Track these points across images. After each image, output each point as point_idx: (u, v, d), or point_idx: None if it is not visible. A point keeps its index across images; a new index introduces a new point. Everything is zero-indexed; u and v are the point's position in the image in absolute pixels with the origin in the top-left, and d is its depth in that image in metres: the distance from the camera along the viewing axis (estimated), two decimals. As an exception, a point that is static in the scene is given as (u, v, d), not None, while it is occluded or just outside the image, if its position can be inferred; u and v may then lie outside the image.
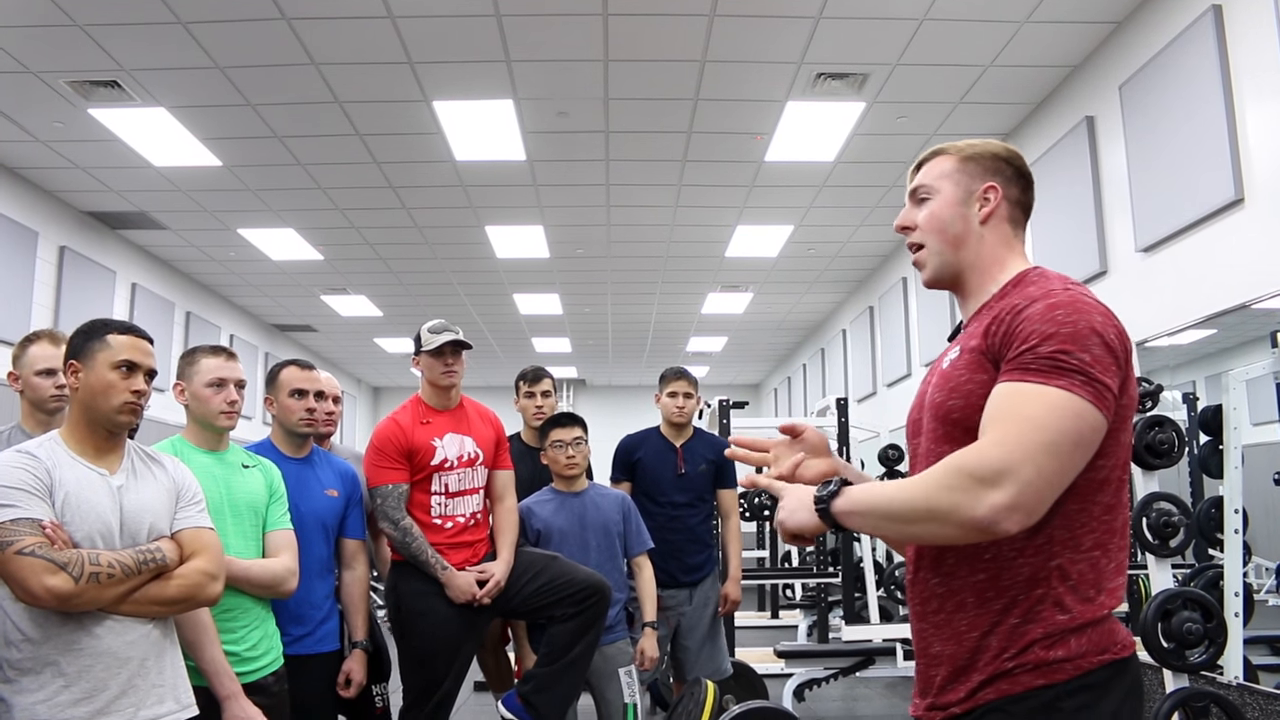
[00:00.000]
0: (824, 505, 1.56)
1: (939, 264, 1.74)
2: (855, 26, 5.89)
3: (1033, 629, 1.49)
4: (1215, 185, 4.94)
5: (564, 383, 19.68)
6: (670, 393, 4.55)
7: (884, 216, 9.53)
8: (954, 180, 1.74)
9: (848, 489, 1.57)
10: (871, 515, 1.53)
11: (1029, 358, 1.47)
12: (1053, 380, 1.44)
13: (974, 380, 1.57)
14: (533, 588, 3.61)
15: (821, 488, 1.59)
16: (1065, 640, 1.48)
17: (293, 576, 2.92)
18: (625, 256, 10.96)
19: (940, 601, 1.60)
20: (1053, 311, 1.50)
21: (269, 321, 14.15)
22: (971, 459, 1.42)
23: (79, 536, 2.15)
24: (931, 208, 1.74)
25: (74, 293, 8.86)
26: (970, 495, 1.39)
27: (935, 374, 1.70)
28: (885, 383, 11.15)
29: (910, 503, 1.47)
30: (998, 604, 1.52)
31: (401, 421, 3.61)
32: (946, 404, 1.60)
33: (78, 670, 2.11)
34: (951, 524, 1.43)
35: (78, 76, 6.36)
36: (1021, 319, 1.52)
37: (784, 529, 1.63)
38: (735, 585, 4.58)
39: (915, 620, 1.66)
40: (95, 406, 2.26)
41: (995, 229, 1.72)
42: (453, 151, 7.74)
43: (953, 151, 1.76)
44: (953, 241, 1.72)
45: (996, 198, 1.72)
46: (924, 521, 1.46)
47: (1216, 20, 4.92)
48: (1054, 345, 1.46)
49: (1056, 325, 1.48)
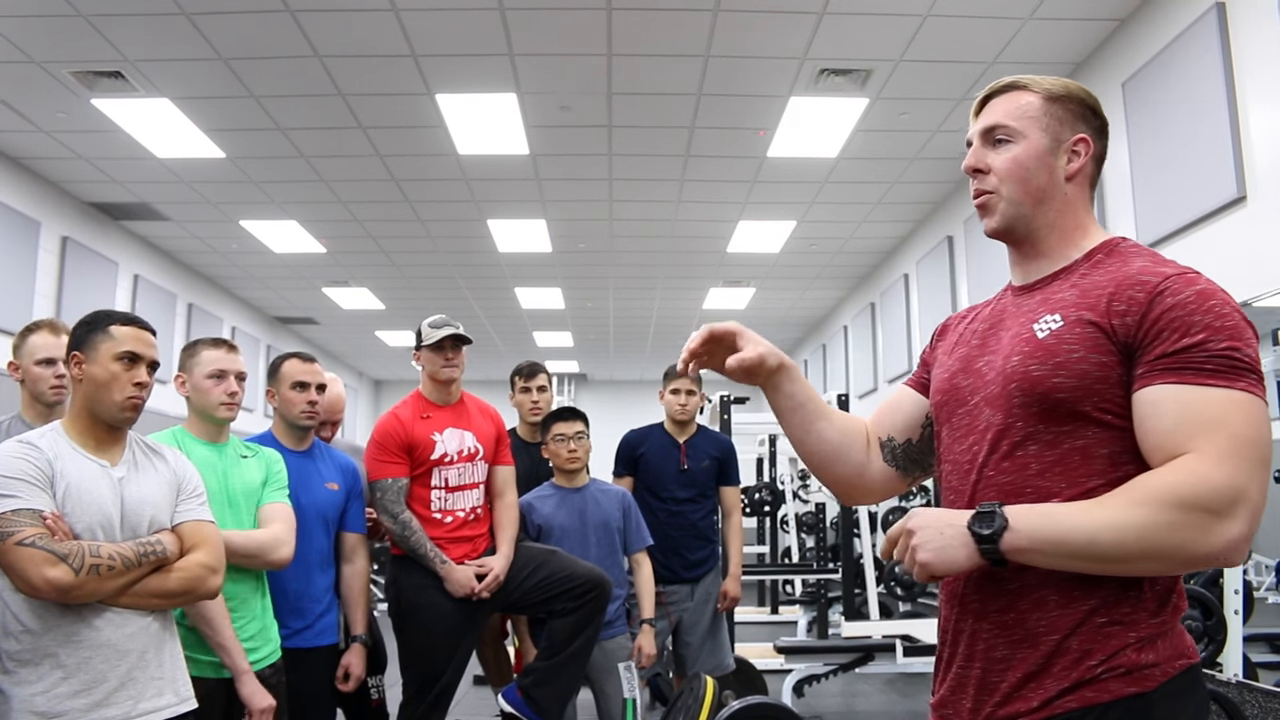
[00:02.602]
0: (992, 544, 1.35)
1: (1014, 216, 1.54)
2: (859, 22, 5.88)
3: (1124, 632, 1.35)
4: (1218, 183, 4.94)
5: (565, 377, 19.69)
6: (674, 390, 4.56)
7: (886, 213, 9.54)
8: (1041, 124, 1.53)
9: (1016, 518, 1.35)
10: (1060, 554, 1.33)
11: (1199, 356, 1.32)
12: (1235, 383, 1.31)
13: (1089, 360, 1.39)
14: (532, 582, 3.62)
15: (980, 521, 1.36)
16: (1154, 644, 1.36)
17: (281, 545, 2.89)
18: (627, 251, 10.96)
19: (1011, 599, 1.42)
20: (1207, 300, 1.35)
21: (271, 314, 14.15)
22: (1198, 487, 1.27)
23: (79, 528, 2.15)
24: (1015, 153, 1.53)
25: (76, 283, 8.86)
26: (1202, 531, 1.26)
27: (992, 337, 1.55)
28: (886, 379, 11.15)
29: (1121, 543, 1.29)
30: (1086, 603, 1.37)
31: (402, 416, 3.61)
32: (1050, 380, 1.40)
33: (77, 662, 2.11)
34: (1176, 562, 1.30)
35: (81, 67, 6.36)
36: (1170, 305, 1.35)
37: (929, 573, 1.39)
38: (735, 582, 4.59)
39: (969, 619, 1.48)
40: (98, 398, 2.26)
41: (1078, 187, 1.54)
42: (455, 145, 7.73)
43: (1035, 88, 1.55)
44: (1035, 195, 1.52)
45: (1087, 153, 1.54)
46: (1138, 561, 1.31)
47: (1220, 18, 4.92)
48: (1224, 341, 1.32)
49: (1217, 316, 1.33)
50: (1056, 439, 1.41)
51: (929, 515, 1.41)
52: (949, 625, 1.52)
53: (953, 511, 1.41)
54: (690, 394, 4.56)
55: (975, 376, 1.54)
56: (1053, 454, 1.41)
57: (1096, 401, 1.38)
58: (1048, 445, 1.42)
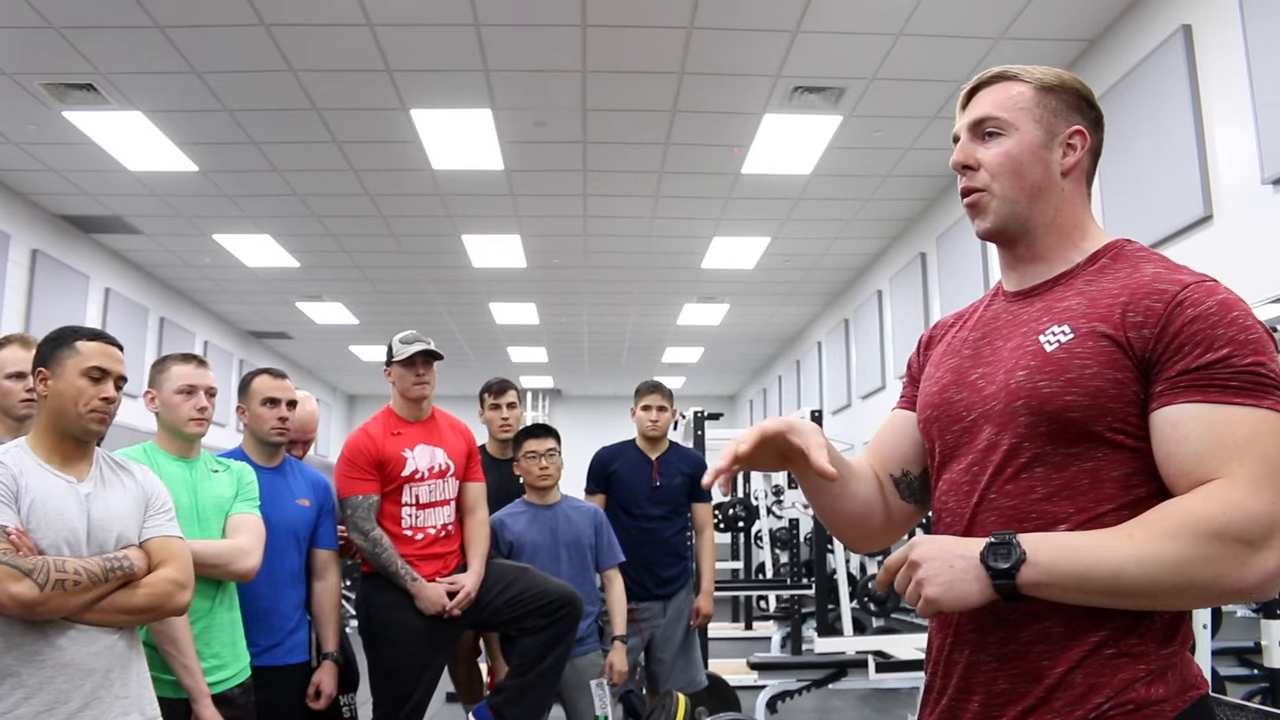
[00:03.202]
0: (1009, 579, 1.23)
1: (1008, 214, 1.43)
2: (832, 41, 5.92)
3: (1133, 665, 1.25)
4: (1185, 202, 5.00)
5: (540, 393, 19.65)
6: (645, 406, 4.56)
7: (860, 230, 9.59)
8: (1034, 115, 1.43)
9: (1035, 550, 1.23)
10: (1080, 589, 1.22)
11: (1223, 372, 1.22)
12: (1263, 401, 1.21)
13: (1104, 376, 1.28)
14: (504, 599, 3.60)
15: (994, 553, 1.24)
16: (1164, 677, 1.25)
17: (246, 555, 2.84)
18: (602, 267, 10.97)
19: (1010, 630, 1.31)
20: (1229, 312, 1.25)
21: (244, 328, 14.07)
22: (1233, 516, 1.17)
23: (45, 544, 2.12)
24: (1006, 146, 1.43)
25: (46, 297, 8.77)
26: (1238, 563, 1.16)
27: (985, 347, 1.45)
28: (860, 395, 11.19)
29: (1149, 578, 1.19)
30: (1095, 635, 1.26)
31: (372, 432, 3.59)
32: (1062, 398, 1.29)
33: (39, 681, 2.07)
34: (1208, 597, 1.21)
35: (53, 79, 6.32)
36: (1191, 317, 1.25)
37: (935, 609, 1.26)
38: (707, 599, 4.59)
39: (965, 650, 1.37)
40: (64, 413, 2.24)
41: (1075, 183, 1.45)
42: (430, 160, 7.73)
43: (1026, 78, 1.45)
44: (1030, 191, 1.42)
45: (1083, 145, 1.44)
46: (1168, 595, 1.21)
47: (1186, 39, 4.99)
48: (1250, 356, 1.23)
49: (1241, 329, 1.24)
50: (1065, 461, 1.31)
51: (935, 545, 1.28)
52: (941, 655, 1.41)
53: (962, 540, 1.29)
54: (662, 410, 4.57)
55: (970, 390, 1.43)
56: (1060, 477, 1.31)
57: (1110, 421, 1.28)
58: (1055, 467, 1.31)
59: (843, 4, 5.54)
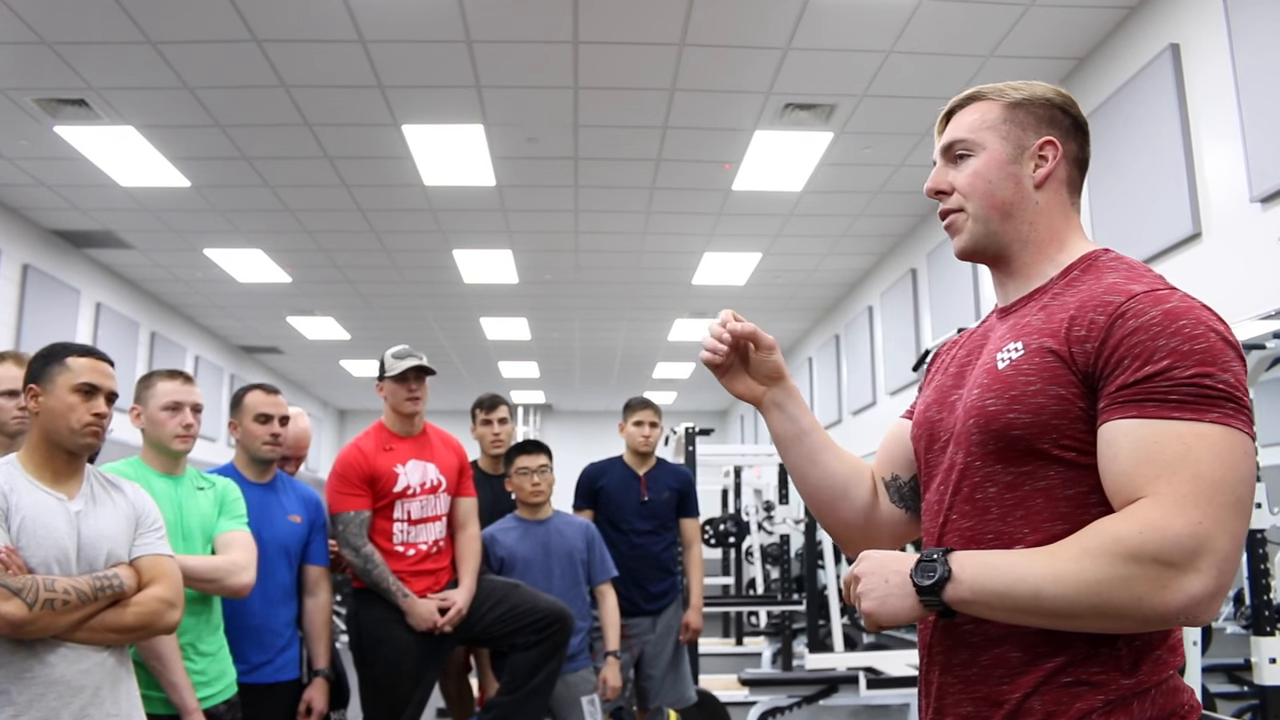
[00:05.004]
0: (933, 595, 1.23)
1: (981, 234, 1.42)
2: (823, 58, 5.95)
3: (1092, 694, 1.21)
4: (1174, 220, 5.02)
5: (531, 408, 19.63)
6: (636, 421, 4.57)
7: (850, 246, 9.62)
8: (1000, 132, 1.41)
9: (960, 566, 1.23)
10: (1005, 608, 1.21)
11: (1162, 385, 1.17)
12: (1205, 415, 1.16)
13: (1048, 393, 1.25)
14: (495, 615, 3.60)
15: (921, 569, 1.24)
16: (1127, 707, 1.20)
17: (241, 570, 2.83)
18: (593, 283, 10.98)
19: (973, 652, 1.29)
20: (1174, 321, 1.19)
21: (235, 343, 14.03)
22: (1146, 537, 1.13)
23: (34, 562, 2.11)
24: (975, 166, 1.42)
25: (37, 312, 8.75)
26: (1158, 586, 1.11)
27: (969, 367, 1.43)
28: (851, 411, 11.20)
29: (1068, 598, 1.15)
30: (1052, 662, 1.23)
31: (364, 448, 3.59)
32: (1005, 416, 1.28)
33: (28, 699, 2.07)
34: (1132, 620, 1.16)
35: (45, 94, 6.31)
36: (1132, 329, 1.21)
37: (874, 620, 1.27)
38: (696, 614, 4.59)
39: (936, 671, 1.35)
40: (56, 429, 2.23)
41: (1053, 194, 1.42)
42: (422, 176, 7.73)
43: (994, 96, 1.44)
44: (1001, 208, 1.40)
45: (1055, 155, 1.41)
46: (1090, 618, 1.17)
47: (1175, 58, 5.02)
48: (1193, 367, 1.17)
49: (1185, 340, 1.18)
50: (1016, 480, 1.29)
51: (876, 560, 1.29)
52: (921, 674, 1.41)
53: (900, 556, 1.29)
54: (654, 426, 4.58)
55: (948, 411, 1.42)
56: (1013, 496, 1.29)
57: (1056, 438, 1.25)
58: (1007, 487, 1.29)
59: (834, 21, 5.56)
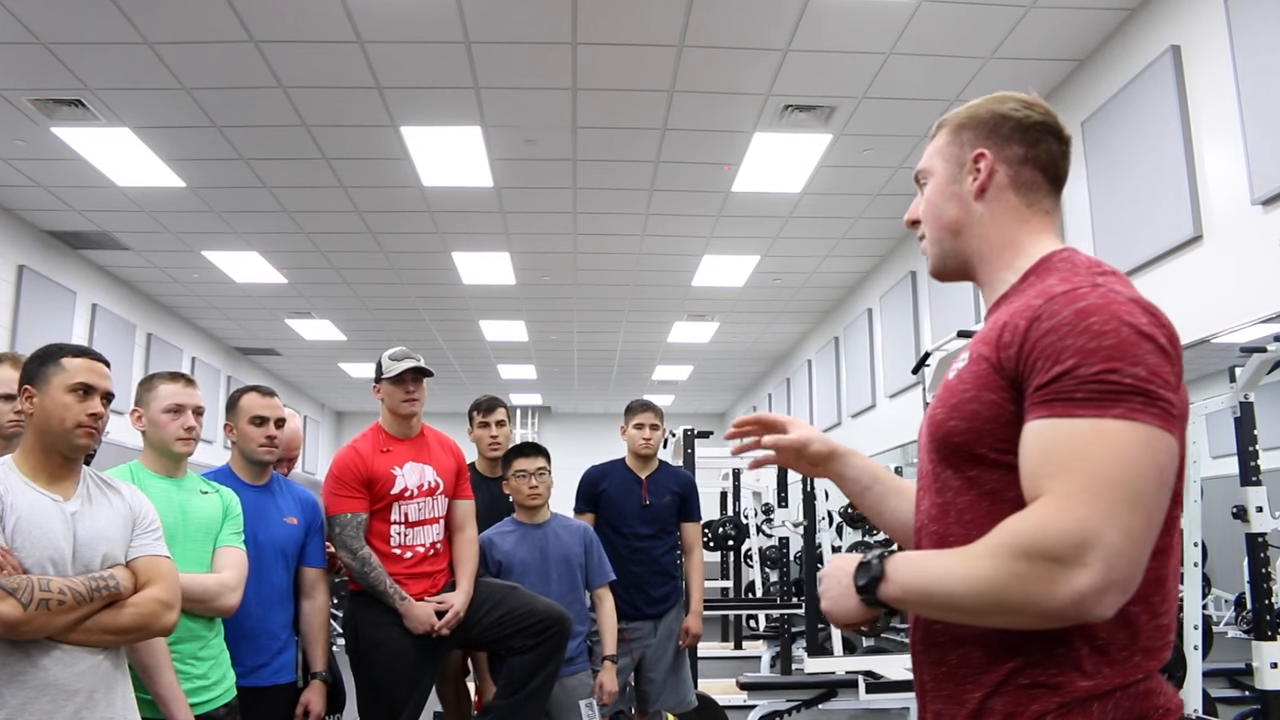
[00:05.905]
0: (869, 594, 1.28)
1: (939, 254, 1.48)
2: (822, 60, 5.94)
3: (1048, 696, 1.21)
4: (1175, 222, 5.01)
5: (529, 410, 19.61)
6: (637, 424, 4.55)
7: (850, 248, 9.61)
8: (945, 155, 1.46)
9: (894, 567, 1.28)
10: (929, 606, 1.27)
11: (1069, 384, 1.17)
12: (1108, 410, 1.15)
13: (980, 400, 1.28)
14: (492, 618, 3.57)
15: (860, 571, 1.30)
16: (1086, 709, 1.19)
17: (229, 592, 2.82)
18: (592, 284, 10.96)
19: (942, 651, 1.33)
20: (1084, 320, 1.19)
21: (231, 345, 14.01)
22: (1034, 534, 1.14)
23: (29, 563, 2.10)
24: (927, 193, 1.48)
25: (33, 313, 8.73)
26: (1045, 582, 1.12)
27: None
28: (850, 414, 11.18)
29: (974, 595, 1.18)
30: (1010, 663, 1.24)
31: (361, 450, 3.56)
32: (947, 424, 1.32)
33: (21, 702, 2.04)
34: (1029, 616, 1.16)
35: (41, 95, 6.30)
36: (1044, 330, 1.22)
37: (832, 619, 1.35)
38: (696, 618, 4.57)
39: (916, 668, 1.41)
40: (51, 429, 2.22)
41: (997, 203, 1.42)
42: (420, 177, 7.72)
43: (950, 121, 1.48)
44: (950, 228, 1.45)
45: (987, 165, 1.42)
46: (995, 614, 1.19)
47: (1176, 60, 5.01)
48: (1098, 364, 1.16)
49: (1093, 337, 1.18)
50: (965, 484, 1.32)
51: (837, 563, 1.35)
52: (915, 677, 1.44)
53: (853, 558, 1.34)
54: (654, 428, 4.56)
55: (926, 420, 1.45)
56: (964, 499, 1.32)
57: (992, 443, 1.28)
58: (959, 491, 1.33)
59: (833, 23, 5.55)
